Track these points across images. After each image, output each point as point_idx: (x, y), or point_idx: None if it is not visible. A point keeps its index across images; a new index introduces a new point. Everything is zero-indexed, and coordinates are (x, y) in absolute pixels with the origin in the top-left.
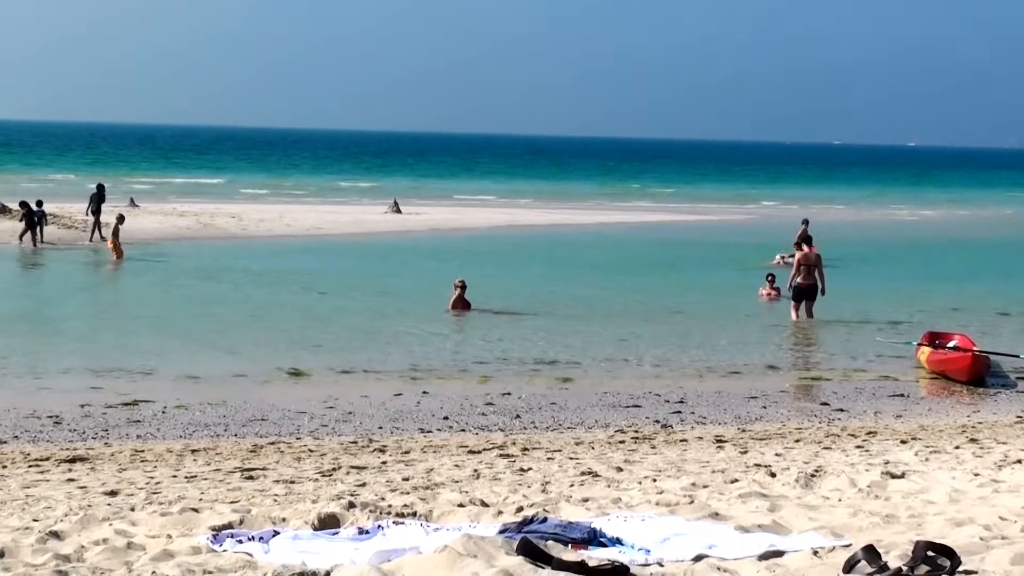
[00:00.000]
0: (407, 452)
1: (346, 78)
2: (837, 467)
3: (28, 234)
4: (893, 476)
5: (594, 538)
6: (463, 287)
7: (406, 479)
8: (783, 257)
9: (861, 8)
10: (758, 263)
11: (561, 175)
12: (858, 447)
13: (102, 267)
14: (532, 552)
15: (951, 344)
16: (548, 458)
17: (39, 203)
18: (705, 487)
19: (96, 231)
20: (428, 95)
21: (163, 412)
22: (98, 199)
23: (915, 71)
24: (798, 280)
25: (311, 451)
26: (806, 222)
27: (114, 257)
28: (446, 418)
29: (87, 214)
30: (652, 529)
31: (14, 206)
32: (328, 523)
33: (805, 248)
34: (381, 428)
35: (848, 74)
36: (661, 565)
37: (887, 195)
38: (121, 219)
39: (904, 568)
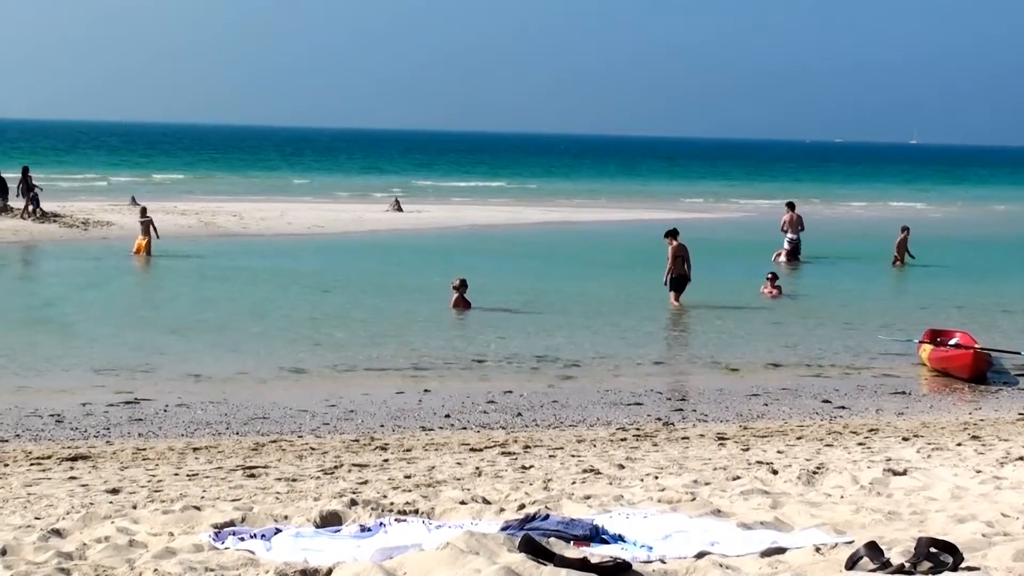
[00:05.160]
0: (409, 450)
1: (342, 76)
2: (839, 464)
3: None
4: (895, 473)
5: (596, 535)
6: (462, 286)
7: (408, 477)
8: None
9: (859, 8)
10: (760, 259)
11: (564, 173)
12: (860, 444)
13: (102, 265)
14: (534, 549)
15: (953, 341)
16: (550, 456)
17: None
18: (707, 484)
19: (27, 209)
20: (429, 92)
21: (165, 410)
22: (24, 180)
23: (915, 68)
24: (673, 270)
25: (313, 449)
26: (906, 229)
27: (142, 254)
28: (448, 416)
29: (18, 195)
30: (654, 526)
31: (16, 206)
32: (330, 520)
33: (676, 242)
34: (383, 426)
35: (848, 72)
36: (663, 562)
37: (891, 191)
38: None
39: (906, 564)
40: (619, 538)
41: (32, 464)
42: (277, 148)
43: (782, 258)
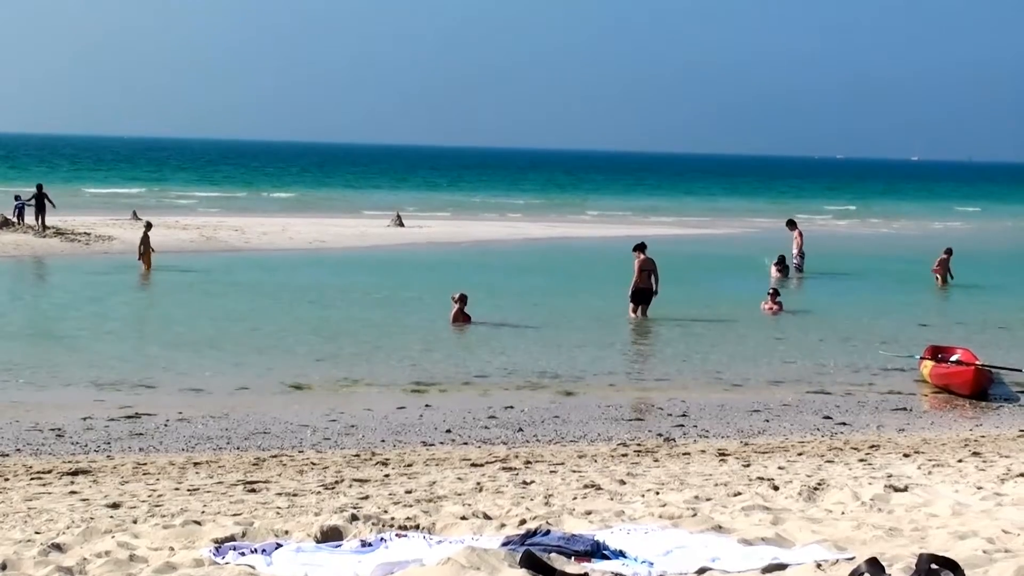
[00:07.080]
0: (410, 465)
1: (348, 92)
2: (840, 480)
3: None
4: (896, 489)
5: (597, 551)
6: (463, 301)
7: (409, 492)
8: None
9: (853, 26)
10: (762, 275)
11: (567, 188)
12: (861, 460)
13: (103, 279)
14: (535, 565)
15: (954, 358)
16: (551, 471)
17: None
18: (708, 500)
19: (39, 221)
20: (433, 108)
21: (165, 425)
22: (37, 197)
23: (915, 85)
24: (637, 283)
25: (314, 464)
26: (949, 251)
27: (143, 267)
28: (449, 431)
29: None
30: (655, 542)
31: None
32: (331, 536)
33: (643, 255)
34: (384, 441)
35: (846, 90)
36: None
37: (896, 208)
38: (148, 226)
39: None
40: (620, 554)
41: (33, 478)
42: (279, 163)
43: (773, 272)
